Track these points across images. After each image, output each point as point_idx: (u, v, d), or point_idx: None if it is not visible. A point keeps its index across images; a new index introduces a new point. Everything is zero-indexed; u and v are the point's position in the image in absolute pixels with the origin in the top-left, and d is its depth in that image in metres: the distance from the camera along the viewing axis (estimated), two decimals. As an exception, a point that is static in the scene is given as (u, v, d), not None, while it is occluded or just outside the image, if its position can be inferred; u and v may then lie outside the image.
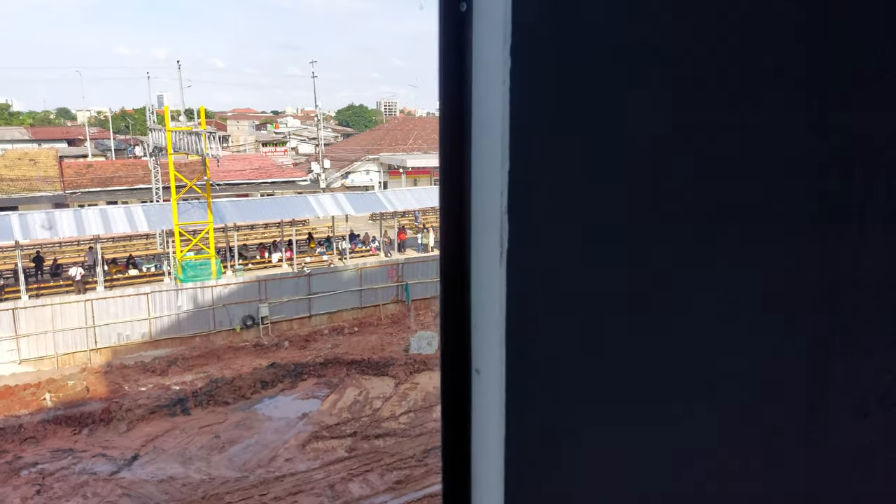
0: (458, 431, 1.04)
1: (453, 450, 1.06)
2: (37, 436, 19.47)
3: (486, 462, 1.01)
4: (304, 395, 22.75)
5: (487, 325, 0.96)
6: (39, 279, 29.35)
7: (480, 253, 0.96)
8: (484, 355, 0.98)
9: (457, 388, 1.03)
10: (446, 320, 1.02)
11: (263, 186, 43.85)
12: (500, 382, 0.95)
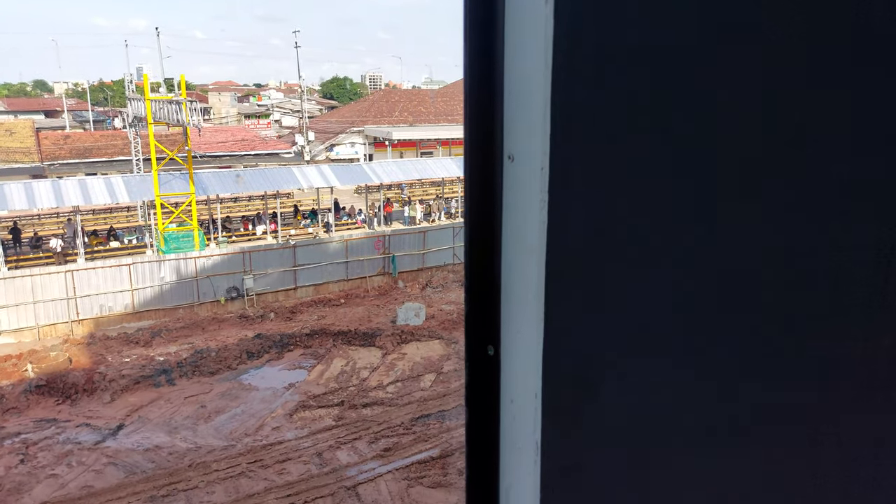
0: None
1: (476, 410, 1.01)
2: (19, 406, 19.26)
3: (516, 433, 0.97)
4: (291, 365, 22.69)
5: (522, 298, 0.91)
6: (18, 251, 28.84)
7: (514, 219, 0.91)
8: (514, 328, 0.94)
9: (478, 373, 0.99)
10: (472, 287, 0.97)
11: (247, 158, 43.28)
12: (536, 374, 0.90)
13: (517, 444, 0.98)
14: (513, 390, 0.97)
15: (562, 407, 0.93)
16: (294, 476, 16.09)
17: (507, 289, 0.94)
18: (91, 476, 15.89)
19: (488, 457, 1.02)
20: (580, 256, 0.90)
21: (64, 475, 15.90)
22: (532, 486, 0.96)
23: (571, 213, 0.88)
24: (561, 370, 0.92)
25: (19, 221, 32.14)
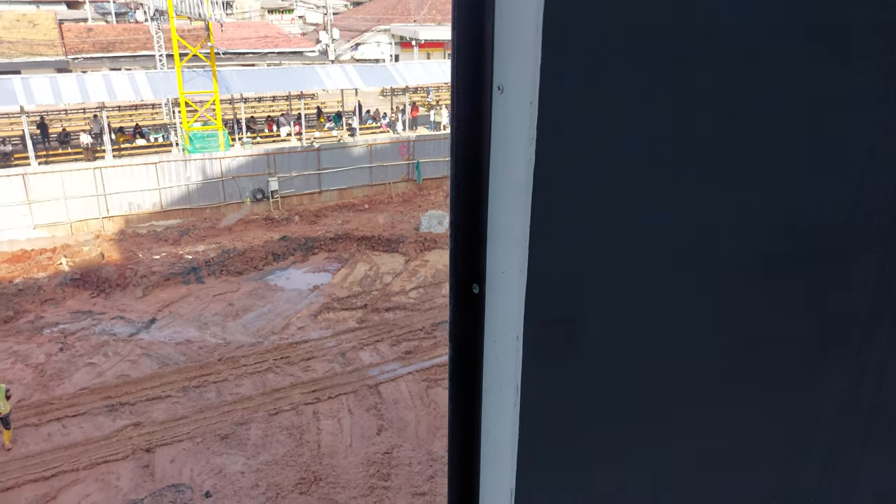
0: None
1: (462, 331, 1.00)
2: (56, 298, 20.08)
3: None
4: (315, 268, 23.14)
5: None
6: (46, 146, 29.10)
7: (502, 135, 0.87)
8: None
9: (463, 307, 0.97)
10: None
11: (270, 56, 42.30)
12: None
13: (498, 383, 0.98)
14: (496, 330, 0.97)
15: (542, 349, 0.93)
16: (318, 373, 16.79)
17: (493, 226, 0.93)
18: (126, 366, 16.75)
19: (471, 394, 1.03)
20: (568, 197, 0.87)
21: (101, 364, 16.77)
22: (511, 425, 0.97)
23: (560, 150, 0.85)
24: (543, 312, 0.91)
25: (46, 116, 32.20)
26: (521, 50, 0.81)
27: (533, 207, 0.85)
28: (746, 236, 1.01)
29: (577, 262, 0.91)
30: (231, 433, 14.35)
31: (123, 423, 14.62)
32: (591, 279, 0.93)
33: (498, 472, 1.02)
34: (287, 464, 13.55)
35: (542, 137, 0.82)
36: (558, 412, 0.98)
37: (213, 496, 12.65)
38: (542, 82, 0.80)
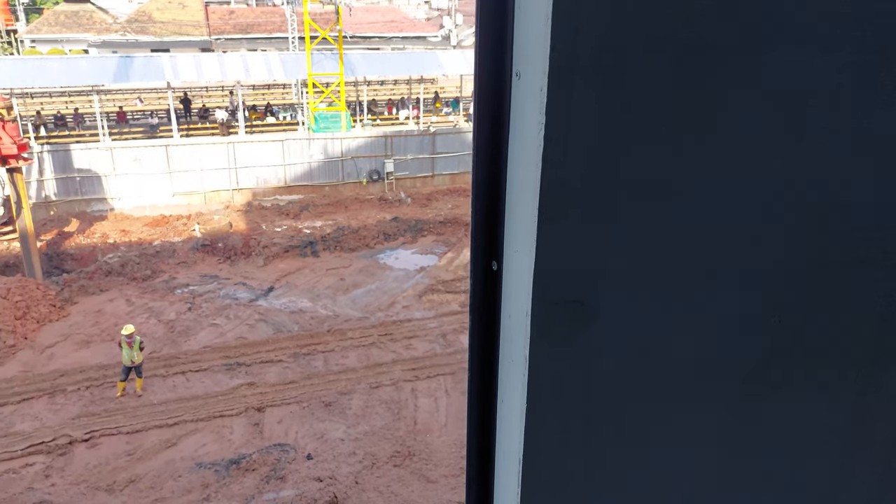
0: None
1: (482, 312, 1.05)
2: (188, 261, 21.83)
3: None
4: (423, 250, 23.66)
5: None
6: (188, 120, 31.52)
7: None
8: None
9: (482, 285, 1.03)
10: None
11: (394, 41, 43.33)
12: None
13: (511, 357, 1.02)
14: (511, 306, 1.01)
15: (550, 327, 0.96)
16: (419, 352, 17.23)
17: (509, 206, 0.97)
18: (245, 329, 17.97)
19: (488, 368, 1.08)
20: (574, 180, 0.90)
21: (223, 325, 18.10)
22: (520, 399, 1.00)
23: (567, 135, 0.87)
24: (551, 291, 0.94)
25: (189, 93, 34.83)
26: (535, 38, 0.85)
27: (541, 189, 0.88)
28: (757, 228, 1.01)
29: (584, 246, 0.93)
30: (334, 401, 15.06)
31: (239, 381, 15.72)
32: (598, 263, 0.95)
33: (509, 443, 1.06)
34: (384, 436, 14.06)
35: (550, 122, 0.86)
36: (564, 390, 1.01)
37: (313, 459, 13.36)
38: (550, 69, 0.83)
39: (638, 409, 1.07)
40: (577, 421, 1.04)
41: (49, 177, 24.42)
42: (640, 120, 0.90)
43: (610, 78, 0.86)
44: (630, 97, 0.88)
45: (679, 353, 1.05)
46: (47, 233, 22.93)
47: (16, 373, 15.85)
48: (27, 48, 42.83)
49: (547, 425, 1.02)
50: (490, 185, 0.98)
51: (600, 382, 1.03)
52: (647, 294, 0.99)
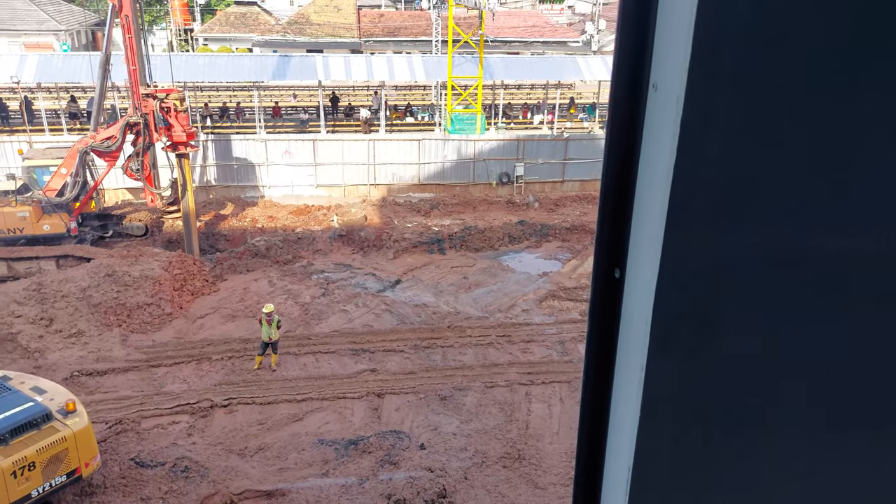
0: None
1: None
2: (324, 249, 23.21)
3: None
4: (547, 255, 23.56)
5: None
6: (335, 117, 33.42)
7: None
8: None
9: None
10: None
11: (534, 45, 43.32)
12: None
13: (627, 367, 1.02)
14: (630, 315, 1.00)
15: (670, 338, 0.94)
16: (536, 357, 17.23)
17: (636, 214, 0.97)
18: (371, 317, 18.85)
19: (603, 375, 1.08)
20: (706, 193, 0.88)
21: (351, 312, 19.10)
22: (633, 409, 0.99)
23: (701, 147, 0.86)
24: (673, 303, 0.92)
25: (337, 91, 36.87)
26: (674, 50, 0.86)
27: (671, 199, 0.88)
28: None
29: (712, 260, 0.91)
30: (450, 396, 15.44)
31: (363, 367, 16.54)
32: (725, 279, 0.92)
33: (619, 453, 1.06)
34: (495, 436, 14.23)
35: (684, 133, 0.86)
36: (680, 405, 0.98)
37: (426, 449, 13.80)
38: (689, 81, 0.83)
39: (758, 431, 1.01)
40: (691, 437, 1.01)
41: (211, 163, 26.92)
42: (778, 135, 0.87)
43: (750, 91, 0.84)
44: (771, 111, 0.85)
45: (809, 372, 0.99)
46: (206, 214, 25.30)
47: (170, 338, 17.68)
48: (200, 45, 47.33)
49: (659, 438, 0.99)
50: (619, 192, 0.98)
51: (719, 399, 0.99)
52: (776, 309, 0.94)
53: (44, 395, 12.06)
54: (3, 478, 10.66)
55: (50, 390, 12.35)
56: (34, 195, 21.10)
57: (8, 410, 11.39)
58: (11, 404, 11.55)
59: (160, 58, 25.26)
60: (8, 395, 11.81)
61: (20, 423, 11.22)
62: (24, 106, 29.64)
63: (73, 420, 11.63)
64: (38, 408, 11.54)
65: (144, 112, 20.74)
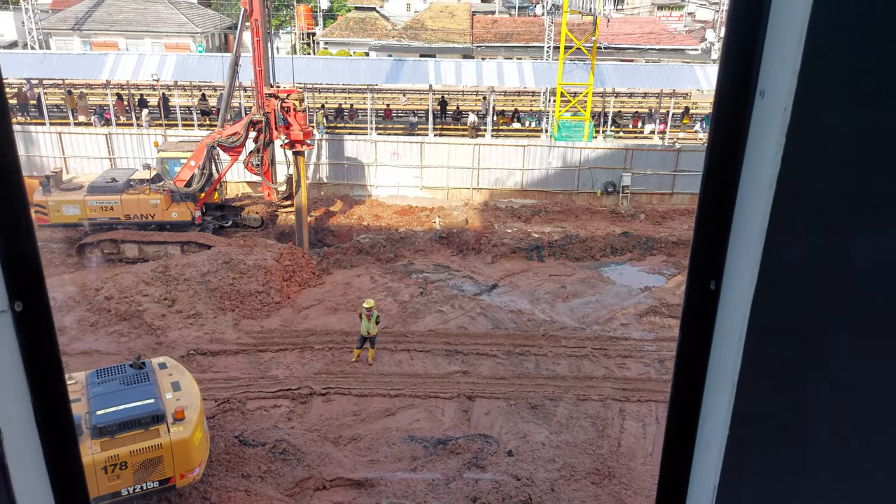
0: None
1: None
2: (425, 250, 23.68)
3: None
4: (651, 269, 22.83)
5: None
6: (443, 121, 34.00)
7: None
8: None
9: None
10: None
11: (650, 53, 42.10)
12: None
13: (718, 380, 0.99)
14: (724, 328, 0.97)
15: (765, 353, 0.91)
16: (632, 373, 16.76)
17: (736, 225, 0.94)
18: (466, 320, 19.04)
19: (693, 388, 1.05)
20: (810, 205, 0.85)
21: (447, 313, 19.37)
22: (722, 424, 0.97)
23: (806, 159, 0.83)
24: (771, 316, 0.89)
25: (447, 95, 37.49)
26: (784, 57, 0.83)
27: (772, 211, 0.86)
28: None
29: (814, 274, 0.88)
30: (540, 405, 15.33)
31: (455, 368, 16.74)
32: (828, 292, 0.88)
33: (705, 469, 1.04)
34: (585, 450, 13.98)
35: (790, 143, 0.83)
36: (771, 422, 0.95)
37: (514, 456, 13.79)
38: (798, 90, 0.81)
39: (855, 455, 0.96)
40: (782, 458, 0.97)
41: (324, 161, 28.16)
42: (891, 147, 0.83)
43: (862, 100, 0.82)
44: (884, 122, 0.82)
45: None
46: (317, 210, 26.49)
47: (277, 325, 18.66)
48: (321, 49, 49.57)
49: (747, 455, 0.97)
50: (718, 201, 0.96)
51: (815, 420, 0.94)
52: (887, 328, 0.90)
53: (173, 394, 11.83)
54: (95, 471, 10.55)
55: (184, 390, 12.09)
56: (165, 184, 22.91)
57: (129, 403, 11.21)
58: (137, 397, 11.37)
59: (283, 60, 26.74)
60: (142, 387, 11.64)
61: (131, 418, 11.04)
62: (162, 102, 32.25)
63: (176, 428, 11.24)
64: (153, 407, 11.27)
65: (267, 111, 22.02)
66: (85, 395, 11.64)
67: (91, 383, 11.93)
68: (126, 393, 11.56)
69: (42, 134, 28.08)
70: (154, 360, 13.20)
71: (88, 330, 17.86)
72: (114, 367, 12.53)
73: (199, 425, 11.68)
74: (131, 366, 12.36)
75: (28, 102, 32.17)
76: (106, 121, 30.48)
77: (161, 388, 11.98)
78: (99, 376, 12.13)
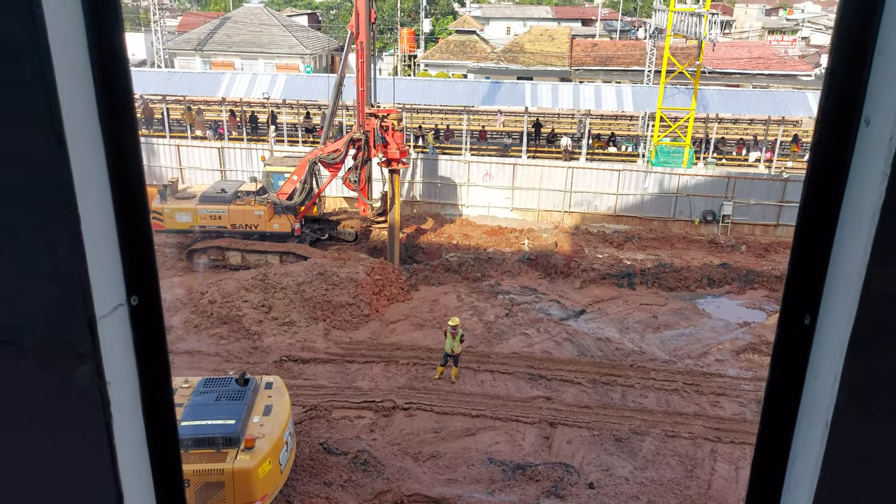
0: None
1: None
2: (512, 271, 23.59)
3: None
4: (751, 303, 21.68)
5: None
6: (537, 143, 33.94)
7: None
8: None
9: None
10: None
11: (758, 78, 40.36)
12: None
13: (810, 420, 0.94)
14: (818, 366, 0.93)
15: (861, 395, 0.86)
16: (727, 413, 15.92)
17: (834, 258, 0.90)
18: (551, 345, 18.76)
19: (783, 427, 1.00)
20: None
21: (532, 336, 19.17)
22: (813, 466, 0.91)
23: None
24: (871, 354, 0.84)
25: (541, 117, 37.44)
26: (892, 85, 0.80)
27: (874, 243, 0.82)
28: None
29: None
30: (625, 438, 14.83)
31: (538, 393, 16.51)
32: None
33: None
34: (671, 490, 13.38)
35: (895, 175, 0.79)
36: (867, 468, 0.90)
37: (595, 489, 13.38)
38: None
39: None
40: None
41: (418, 180, 28.75)
42: None
43: None
44: None
45: None
46: (408, 227, 27.03)
47: (365, 338, 19.11)
48: (421, 70, 50.88)
49: (838, 500, 0.92)
50: (817, 231, 0.92)
51: None
52: None
53: (261, 419, 11.39)
54: None
55: (273, 416, 11.60)
56: (269, 197, 24.12)
57: (213, 419, 10.91)
58: (224, 414, 11.06)
59: (385, 81, 27.64)
60: (234, 405, 11.35)
61: (206, 436, 10.75)
62: (271, 119, 34.08)
63: (243, 457, 10.76)
64: (230, 429, 10.86)
65: (366, 129, 22.80)
66: (187, 401, 11.65)
67: (196, 391, 11.92)
68: (218, 408, 11.34)
69: (163, 146, 30.34)
70: (264, 378, 12.97)
71: (192, 331, 18.97)
72: (221, 379, 12.45)
73: (270, 456, 11.07)
74: (236, 380, 12.22)
75: (153, 117, 34.89)
76: (219, 135, 32.55)
77: (252, 410, 11.60)
78: (205, 385, 12.09)
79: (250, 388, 12.10)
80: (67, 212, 0.98)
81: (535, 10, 73.79)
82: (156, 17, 46.66)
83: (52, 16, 0.92)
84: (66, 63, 0.95)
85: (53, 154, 0.95)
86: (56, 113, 0.94)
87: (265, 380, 12.89)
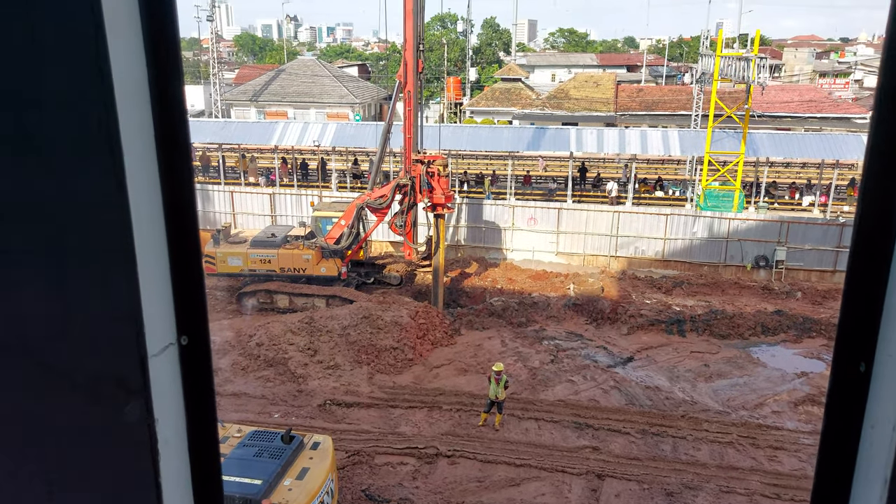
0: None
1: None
2: (558, 316, 23.29)
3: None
4: (808, 352, 20.80)
5: None
6: (582, 188, 33.87)
7: None
8: None
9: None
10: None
11: (810, 121, 39.61)
12: None
13: (868, 477, 0.90)
14: (876, 415, 0.89)
15: None
16: (785, 468, 15.15)
17: (890, 301, 0.86)
18: (598, 392, 18.30)
19: (839, 482, 0.96)
20: None
21: (578, 383, 18.76)
22: None
23: None
24: None
25: (587, 162, 37.43)
26: None
27: None
28: None
29: None
30: (678, 493, 14.22)
31: (584, 443, 16.05)
32: None
33: None
34: (726, 548, 12.71)
35: None
36: None
37: (644, 544, 12.81)
38: None
39: None
40: None
41: (463, 224, 28.93)
42: None
43: None
44: None
45: None
46: (453, 271, 27.09)
47: (408, 382, 19.02)
48: (467, 117, 51.75)
49: None
50: (870, 275, 0.89)
51: None
52: None
53: (292, 482, 10.78)
54: None
55: (305, 481, 10.97)
56: (317, 241, 24.61)
57: (242, 476, 10.47)
58: (254, 472, 10.60)
59: (431, 128, 28.20)
60: (268, 463, 10.87)
61: (228, 494, 9.94)
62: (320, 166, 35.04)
63: None
64: (252, 489, 10.32)
65: (413, 175, 23.19)
66: (230, 452, 11.28)
67: (241, 443, 11.57)
68: (252, 465, 10.89)
69: (217, 192, 31.44)
70: (313, 437, 12.39)
71: (240, 373, 19.25)
72: (269, 433, 12.03)
73: None
74: (282, 437, 11.75)
75: (209, 164, 36.28)
76: (271, 182, 33.58)
77: (287, 472, 10.99)
78: (251, 438, 11.71)
79: (293, 446, 11.57)
80: (125, 253, 1.03)
81: (580, 58, 74.59)
82: (214, 70, 49.03)
83: (119, 69, 0.99)
84: (129, 113, 1.02)
85: (114, 198, 1.01)
86: (119, 159, 1.00)
87: (314, 439, 12.28)
